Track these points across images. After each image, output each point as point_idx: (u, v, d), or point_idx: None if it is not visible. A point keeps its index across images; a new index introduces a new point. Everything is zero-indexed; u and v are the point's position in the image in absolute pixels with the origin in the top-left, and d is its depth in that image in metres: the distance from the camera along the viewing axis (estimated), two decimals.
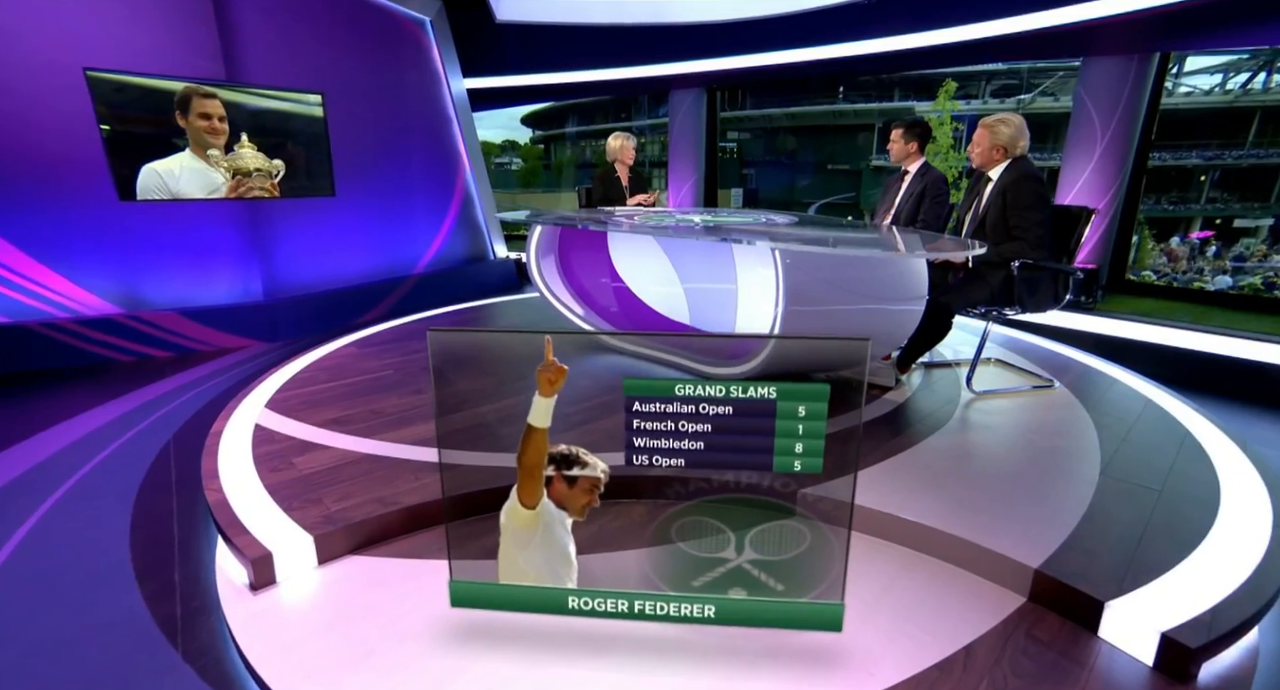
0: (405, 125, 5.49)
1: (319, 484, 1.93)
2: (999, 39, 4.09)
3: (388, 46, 5.27)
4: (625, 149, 4.26)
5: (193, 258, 4.00)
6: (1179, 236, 11.25)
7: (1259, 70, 12.90)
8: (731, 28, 5.07)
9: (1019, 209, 2.52)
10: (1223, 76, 13.64)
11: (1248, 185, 12.95)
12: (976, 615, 1.47)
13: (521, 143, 24.82)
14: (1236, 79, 12.63)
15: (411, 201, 5.61)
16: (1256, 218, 12.18)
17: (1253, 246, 11.20)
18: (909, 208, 3.40)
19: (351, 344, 3.62)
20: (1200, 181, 13.21)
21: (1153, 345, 3.57)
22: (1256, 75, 12.72)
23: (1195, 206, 12.92)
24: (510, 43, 6.24)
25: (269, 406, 2.58)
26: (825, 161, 20.36)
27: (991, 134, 2.61)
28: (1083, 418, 2.50)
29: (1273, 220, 11.91)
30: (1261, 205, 12.34)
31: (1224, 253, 11.02)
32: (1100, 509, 1.76)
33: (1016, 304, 2.63)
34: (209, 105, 3.61)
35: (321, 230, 4.84)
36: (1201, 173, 13.06)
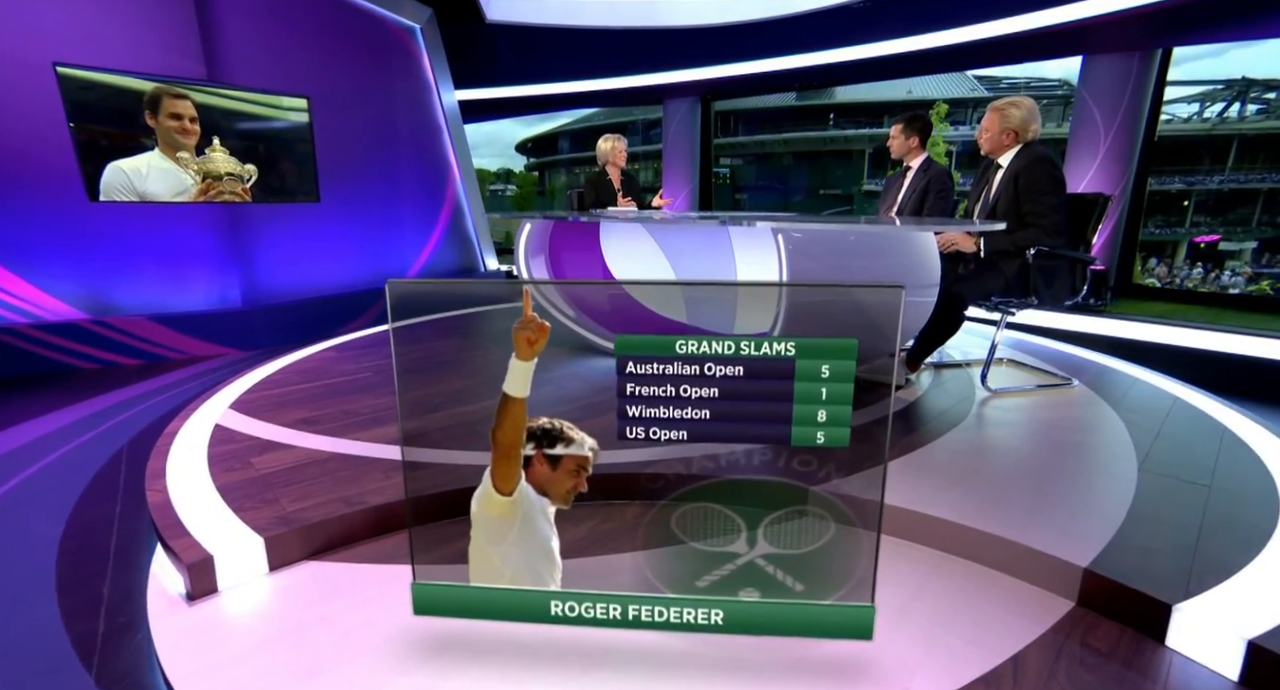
0: (394, 133, 5.39)
1: (277, 484, 1.73)
2: (997, 40, 4.05)
3: (377, 53, 5.21)
4: (616, 151, 4.15)
5: (165, 262, 3.83)
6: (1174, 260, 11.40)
7: (1233, 100, 13.43)
8: (727, 31, 5.04)
9: (1033, 194, 2.39)
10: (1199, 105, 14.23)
11: (1229, 209, 13.31)
12: (1020, 621, 1.28)
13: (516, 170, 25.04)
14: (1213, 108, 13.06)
15: (399, 210, 5.48)
16: (1240, 241, 12.50)
17: (1239, 268, 11.42)
18: (912, 204, 3.29)
19: (331, 348, 3.44)
20: (1184, 206, 13.53)
21: (1169, 346, 3.43)
22: (1231, 104, 13.22)
23: (1180, 230, 13.18)
24: (502, 49, 6.21)
25: (234, 407, 2.38)
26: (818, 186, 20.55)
27: (1002, 117, 2.50)
28: (1108, 414, 2.34)
29: (1256, 243, 12.18)
30: (1244, 229, 12.66)
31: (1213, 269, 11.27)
32: (1146, 504, 1.59)
33: (1032, 295, 2.49)
34: (179, 106, 3.48)
35: (305, 236, 4.69)
36: (1184, 198, 13.41)
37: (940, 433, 2.13)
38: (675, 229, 3.16)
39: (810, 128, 19.95)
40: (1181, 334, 3.45)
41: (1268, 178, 12.87)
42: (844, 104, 19.60)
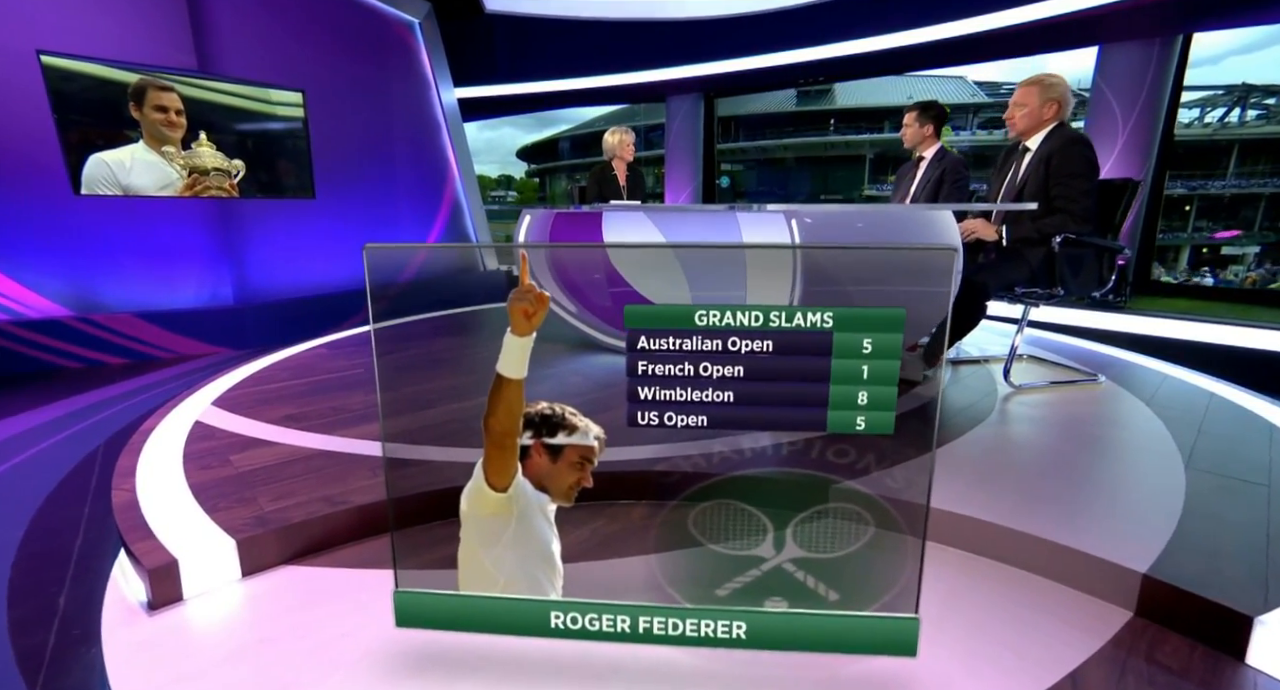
0: (391, 129, 5.29)
1: (255, 482, 1.60)
2: (1010, 30, 3.94)
3: (375, 47, 5.11)
4: (624, 144, 4.04)
5: (154, 258, 3.71)
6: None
7: (1234, 105, 13.47)
8: (732, 23, 4.94)
9: (1064, 177, 2.27)
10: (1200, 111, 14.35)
11: (1231, 214, 13.32)
12: (1073, 633, 1.15)
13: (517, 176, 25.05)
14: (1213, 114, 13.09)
15: (397, 207, 5.37)
16: (1241, 245, 12.54)
17: (1241, 273, 11.41)
18: (927, 194, 3.17)
19: (322, 345, 3.32)
20: (1186, 211, 13.58)
21: (1194, 343, 3.30)
22: (1232, 110, 13.28)
23: (1183, 235, 13.20)
24: (501, 43, 6.11)
25: (216, 403, 2.26)
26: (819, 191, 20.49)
27: (1043, 88, 2.33)
28: (1141, 410, 2.21)
29: (1258, 247, 12.20)
30: (1245, 233, 12.73)
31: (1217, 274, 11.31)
32: (1202, 505, 1.45)
33: (1059, 284, 2.36)
34: (165, 98, 3.37)
35: (300, 233, 4.58)
36: (1186, 203, 13.48)
37: (965, 429, 2.00)
38: (681, 219, 3.04)
39: (811, 133, 19.92)
40: (1207, 330, 3.32)
41: (1270, 182, 12.84)
42: (845, 109, 19.58)
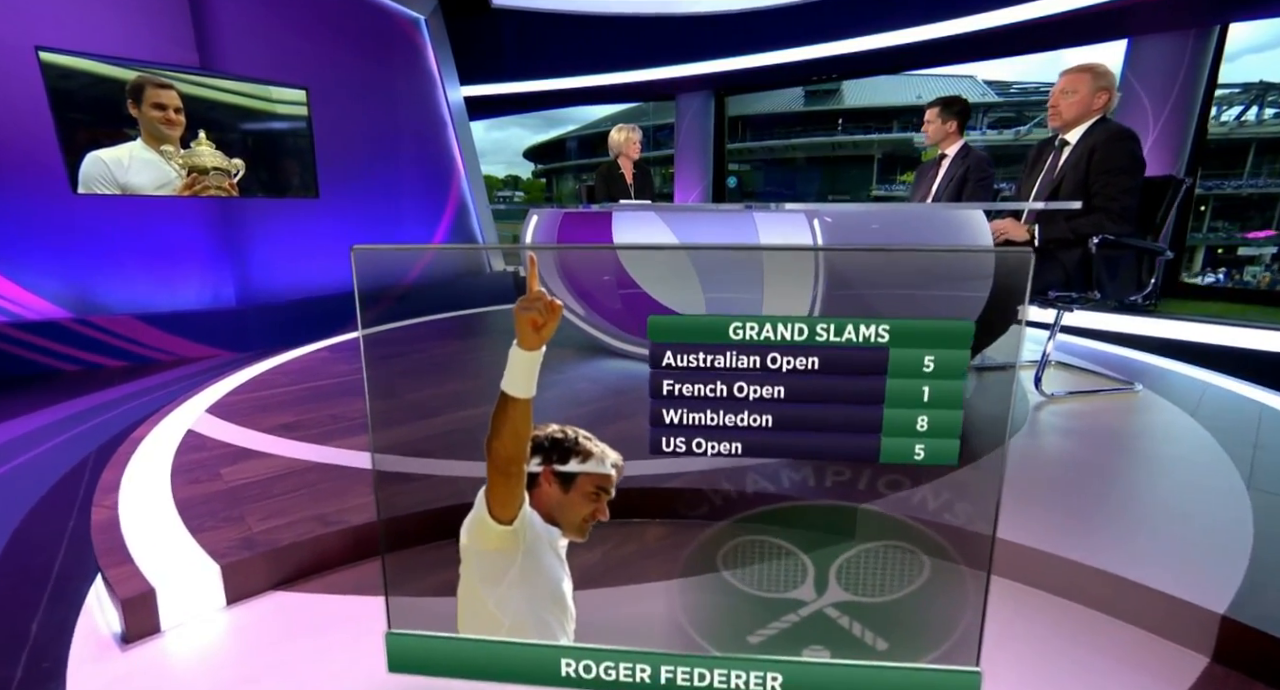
0: (397, 127, 5.21)
1: (246, 498, 1.50)
2: (1034, 23, 3.81)
3: (379, 44, 5.03)
4: (630, 142, 3.94)
5: (154, 259, 3.64)
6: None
7: (1251, 103, 13.28)
8: (743, 18, 4.82)
9: (1106, 173, 2.13)
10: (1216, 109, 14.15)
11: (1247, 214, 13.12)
12: (1142, 679, 1.03)
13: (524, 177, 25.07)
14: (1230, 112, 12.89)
15: (402, 207, 5.29)
16: (1259, 246, 12.41)
17: (1258, 274, 11.23)
18: (949, 193, 3.04)
19: (325, 348, 3.23)
20: (1201, 210, 13.39)
21: (1230, 348, 3.15)
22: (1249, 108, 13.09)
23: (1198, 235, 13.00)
24: (508, 40, 6.02)
25: (211, 411, 2.16)
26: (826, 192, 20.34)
27: (1095, 76, 2.16)
28: (1186, 422, 2.08)
29: (1276, 248, 12.04)
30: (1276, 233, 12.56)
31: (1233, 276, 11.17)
32: (1275, 532, 1.33)
33: (1094, 288, 2.23)
34: (164, 96, 3.28)
35: (303, 233, 4.50)
36: (1201, 202, 13.27)
37: (996, 443, 1.87)
38: (694, 219, 2.93)
39: (819, 133, 19.76)
40: (1243, 334, 3.17)
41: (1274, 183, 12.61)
42: (852, 109, 19.42)
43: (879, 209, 2.01)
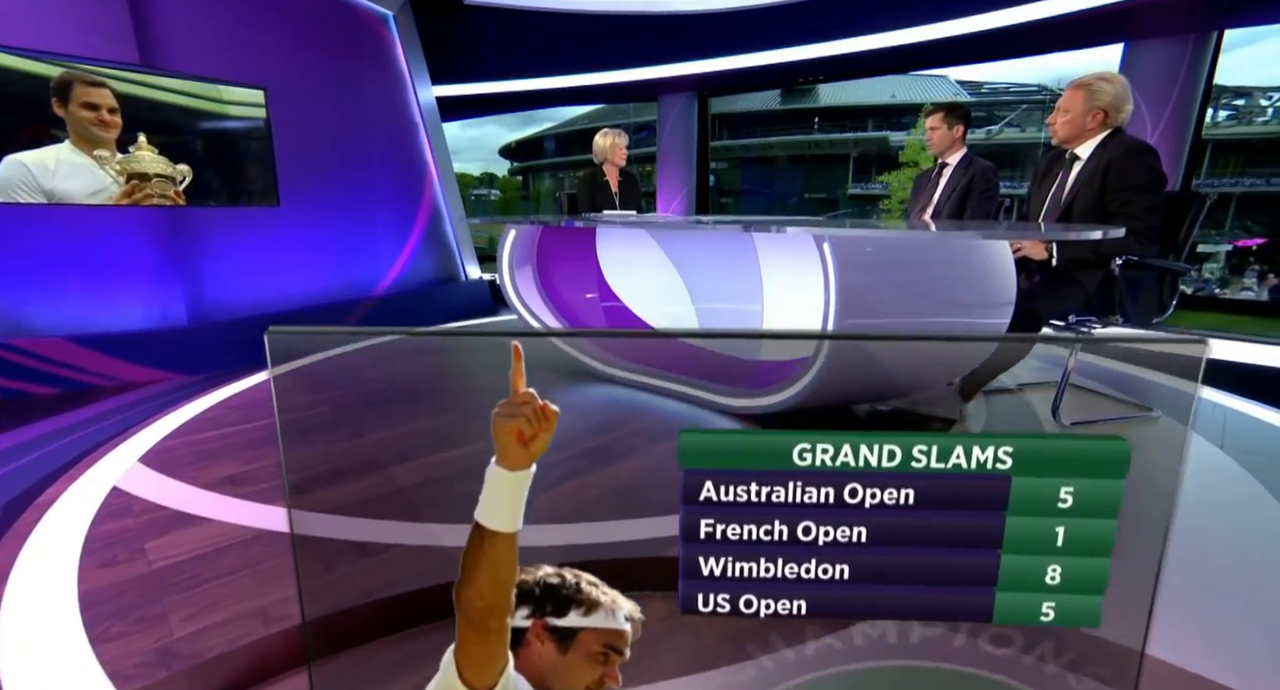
0: (364, 129, 4.91)
1: (172, 586, 1.26)
2: (1032, 25, 3.69)
3: (345, 42, 4.73)
4: (616, 148, 3.72)
5: (90, 274, 3.31)
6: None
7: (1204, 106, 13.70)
8: (728, 18, 4.63)
9: (1126, 190, 1.99)
10: None
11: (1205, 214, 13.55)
12: None
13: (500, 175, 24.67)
14: None
15: (371, 215, 4.99)
16: (1214, 244, 12.76)
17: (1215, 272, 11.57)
18: (953, 204, 2.90)
19: (285, 375, 2.95)
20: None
21: (1233, 364, 3.06)
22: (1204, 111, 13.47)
23: None
24: (483, 39, 5.76)
25: (145, 459, 1.90)
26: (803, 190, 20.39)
27: (1089, 94, 2.06)
28: (1219, 459, 1.94)
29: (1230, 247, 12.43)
30: (1218, 231, 13.01)
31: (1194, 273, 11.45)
32: None
33: (1117, 312, 2.09)
34: (95, 95, 2.96)
35: (263, 244, 4.19)
36: None
37: None
38: (688, 239, 2.73)
39: (795, 132, 19.79)
40: (1246, 349, 3.09)
41: (1240, 182, 12.97)
42: (828, 107, 19.48)
43: (895, 236, 1.84)
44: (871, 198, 18.11)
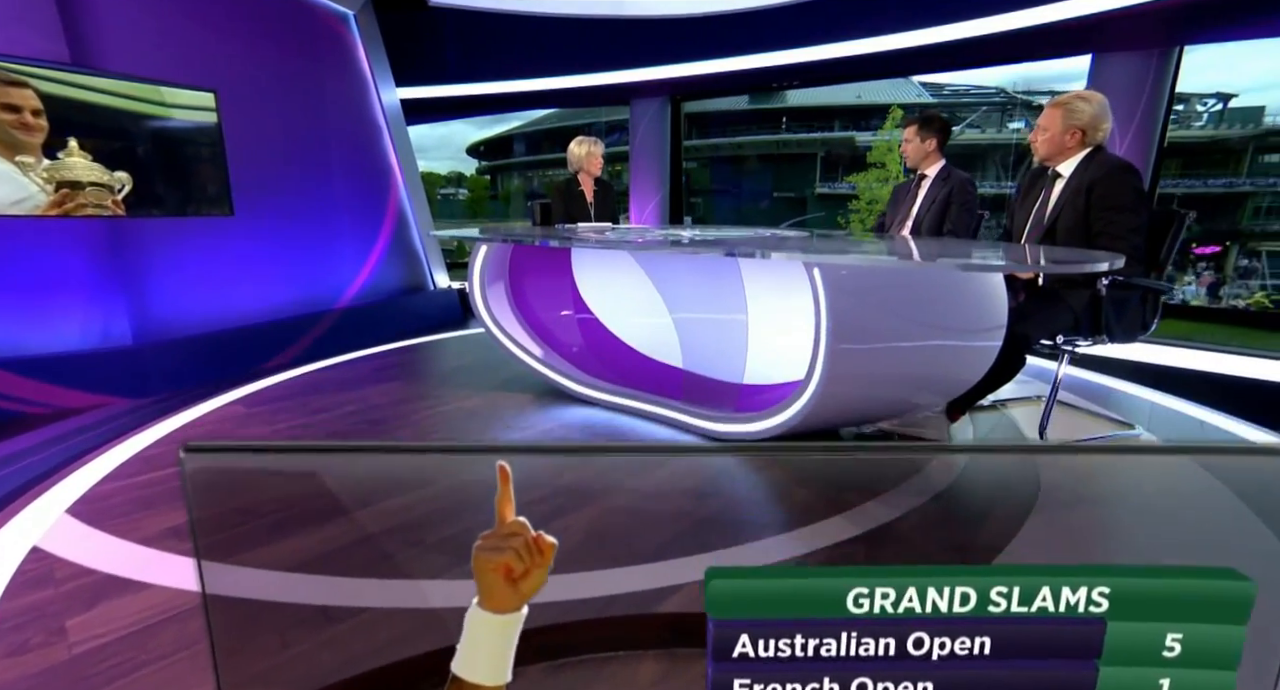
0: (325, 133, 4.68)
1: (95, 678, 1.10)
2: (1000, 36, 3.71)
3: (302, 42, 4.50)
4: (591, 156, 3.60)
5: (16, 291, 3.04)
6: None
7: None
8: (701, 23, 4.56)
9: (1111, 210, 1.97)
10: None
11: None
12: None
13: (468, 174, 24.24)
14: None
15: (333, 223, 4.77)
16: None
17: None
18: (932, 217, 2.87)
19: (238, 401, 2.76)
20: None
21: (1202, 373, 3.11)
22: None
23: None
24: (449, 40, 5.57)
25: (73, 511, 1.71)
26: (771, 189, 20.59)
27: (1066, 113, 2.06)
28: (1205, 480, 1.93)
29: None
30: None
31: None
32: None
33: (1104, 332, 2.08)
34: (16, 95, 2.71)
35: (216, 257, 3.95)
36: None
37: (1012, 527, 1.65)
38: (670, 264, 2.63)
39: (763, 131, 19.96)
40: (1214, 359, 3.14)
41: (1180, 184, 13.55)
42: (795, 107, 19.69)
43: (890, 269, 1.77)
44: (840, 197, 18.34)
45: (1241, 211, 13.53)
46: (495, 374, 3.07)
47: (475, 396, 2.75)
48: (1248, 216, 13.18)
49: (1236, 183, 13.71)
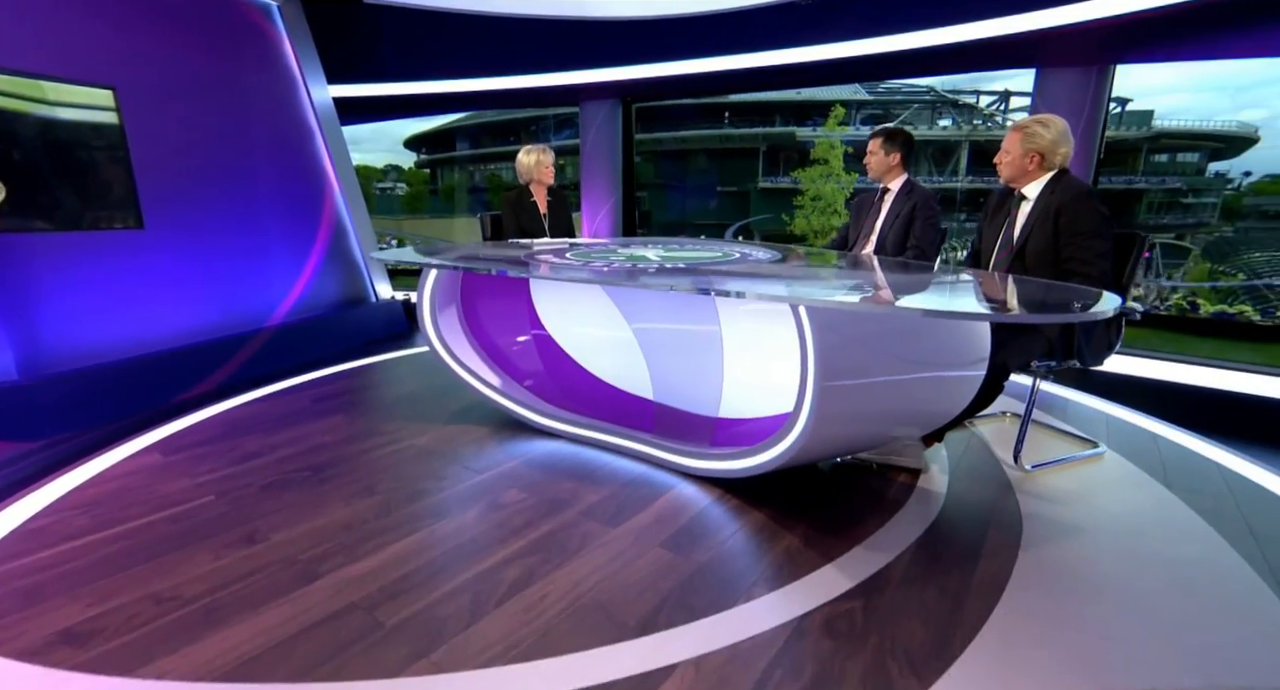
0: (249, 136, 4.29)
1: None
2: (945, 48, 3.77)
3: (219, 35, 4.09)
4: (541, 165, 3.42)
5: None
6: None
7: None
8: (653, 26, 4.43)
9: (1079, 235, 1.98)
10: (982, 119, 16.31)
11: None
12: None
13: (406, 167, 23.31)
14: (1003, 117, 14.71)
15: (263, 232, 4.39)
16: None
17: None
18: (896, 232, 2.85)
19: (153, 446, 2.45)
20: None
21: (1144, 380, 3.24)
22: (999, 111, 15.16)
23: None
24: (386, 38, 5.22)
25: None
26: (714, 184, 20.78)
27: (1025, 137, 2.08)
28: (1169, 501, 1.97)
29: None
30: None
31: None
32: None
33: (1074, 356, 2.09)
34: None
35: (123, 275, 3.54)
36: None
37: (1004, 565, 1.62)
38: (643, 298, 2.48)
39: (706, 126, 20.09)
40: (1156, 367, 3.27)
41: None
42: (737, 102, 19.89)
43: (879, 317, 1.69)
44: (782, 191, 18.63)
45: (1139, 207, 14.55)
46: (449, 402, 2.86)
47: (429, 430, 2.54)
48: (1143, 212, 14.19)
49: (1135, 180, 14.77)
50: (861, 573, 1.58)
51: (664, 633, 1.37)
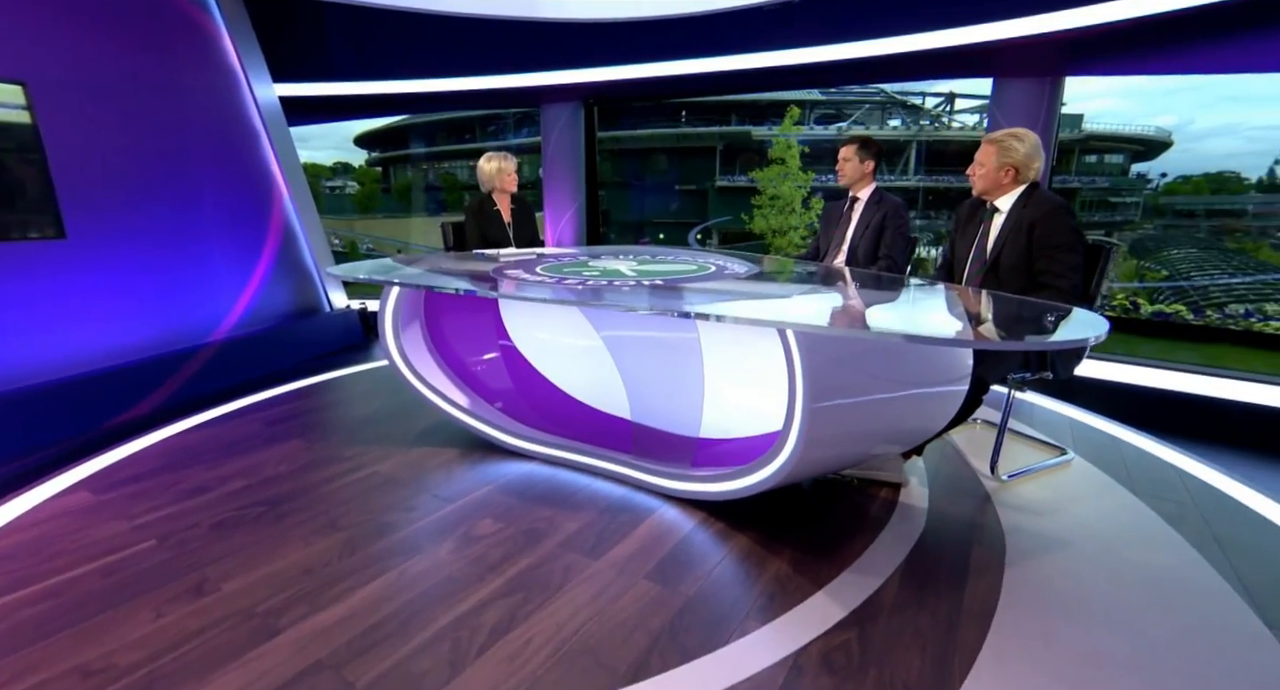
0: (187, 138, 4.01)
1: None
2: (904, 56, 3.83)
3: (149, 28, 3.80)
4: (504, 173, 3.30)
5: None
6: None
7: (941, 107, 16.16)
8: (616, 28, 4.35)
9: (1052, 249, 2.01)
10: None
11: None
12: None
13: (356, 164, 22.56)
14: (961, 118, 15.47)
15: (205, 241, 4.11)
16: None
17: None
18: (868, 242, 2.86)
19: (82, 483, 2.23)
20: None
21: (1101, 382, 3.35)
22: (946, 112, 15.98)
23: None
24: (335, 35, 4.98)
25: None
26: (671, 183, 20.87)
27: (1000, 151, 2.10)
28: (1137, 508, 2.02)
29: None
30: None
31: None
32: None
33: (1048, 369, 2.12)
34: None
35: (42, 290, 3.25)
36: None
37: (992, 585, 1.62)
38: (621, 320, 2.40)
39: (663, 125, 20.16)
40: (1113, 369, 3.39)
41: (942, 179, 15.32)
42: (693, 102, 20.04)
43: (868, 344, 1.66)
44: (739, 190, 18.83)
45: (1074, 204, 15.33)
46: (414, 421, 2.72)
47: (393, 454, 2.40)
48: (1077, 209, 15.01)
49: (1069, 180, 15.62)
50: (853, 599, 1.55)
51: (658, 678, 1.30)
